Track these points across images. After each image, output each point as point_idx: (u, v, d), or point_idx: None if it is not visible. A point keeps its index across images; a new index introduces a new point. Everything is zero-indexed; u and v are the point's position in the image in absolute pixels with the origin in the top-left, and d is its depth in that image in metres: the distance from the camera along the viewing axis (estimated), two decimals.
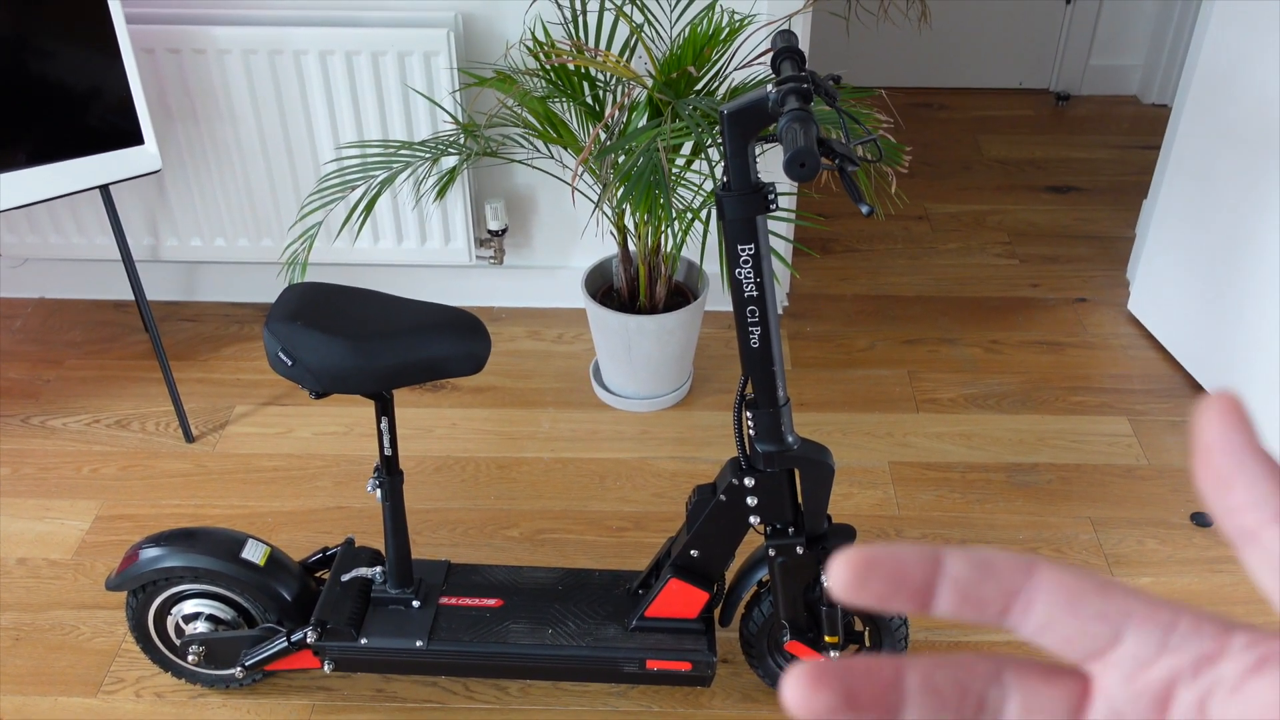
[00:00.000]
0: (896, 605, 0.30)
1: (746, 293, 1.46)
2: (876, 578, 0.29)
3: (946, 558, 0.29)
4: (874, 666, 0.29)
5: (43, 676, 1.91)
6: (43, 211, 2.62)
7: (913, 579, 0.29)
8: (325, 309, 1.56)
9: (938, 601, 0.29)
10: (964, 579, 0.29)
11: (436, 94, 2.40)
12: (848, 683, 0.29)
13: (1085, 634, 0.29)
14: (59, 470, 2.34)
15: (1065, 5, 3.85)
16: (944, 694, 0.30)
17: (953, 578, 0.29)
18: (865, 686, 0.29)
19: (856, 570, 0.29)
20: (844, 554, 0.29)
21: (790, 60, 1.45)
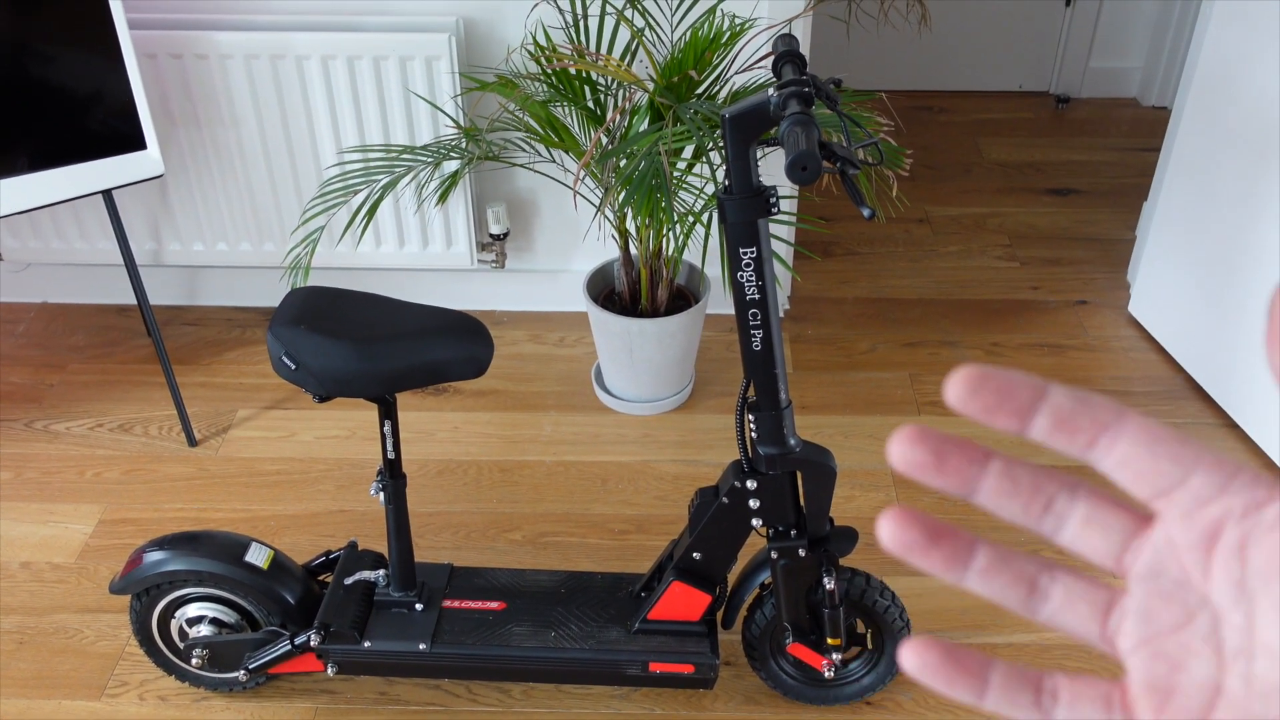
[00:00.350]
0: (999, 420, 0.32)
1: (748, 296, 1.46)
2: (988, 390, 0.32)
3: (1051, 386, 0.32)
4: (967, 443, 0.33)
5: (46, 680, 1.91)
6: (45, 216, 2.62)
7: (1019, 397, 0.32)
8: (329, 313, 1.56)
9: (1035, 422, 0.32)
10: (1064, 407, 0.32)
11: (438, 98, 2.40)
12: (941, 447, 0.32)
13: (1158, 472, 0.31)
14: (62, 474, 2.35)
15: (1065, 8, 3.86)
16: (1019, 485, 0.33)
17: (1054, 404, 0.32)
18: (955, 454, 0.32)
19: (969, 383, 0.32)
20: (959, 369, 0.32)
21: (791, 64, 1.46)
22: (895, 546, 0.33)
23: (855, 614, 1.77)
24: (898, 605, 1.74)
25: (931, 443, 0.32)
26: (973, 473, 0.33)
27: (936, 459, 0.32)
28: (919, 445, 0.32)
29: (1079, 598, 0.34)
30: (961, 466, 0.33)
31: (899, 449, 0.32)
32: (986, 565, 0.34)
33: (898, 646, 1.75)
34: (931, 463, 0.32)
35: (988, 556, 0.34)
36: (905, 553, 0.34)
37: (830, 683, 1.83)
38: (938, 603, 2.04)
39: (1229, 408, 2.44)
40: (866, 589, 1.72)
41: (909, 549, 0.33)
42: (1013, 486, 0.33)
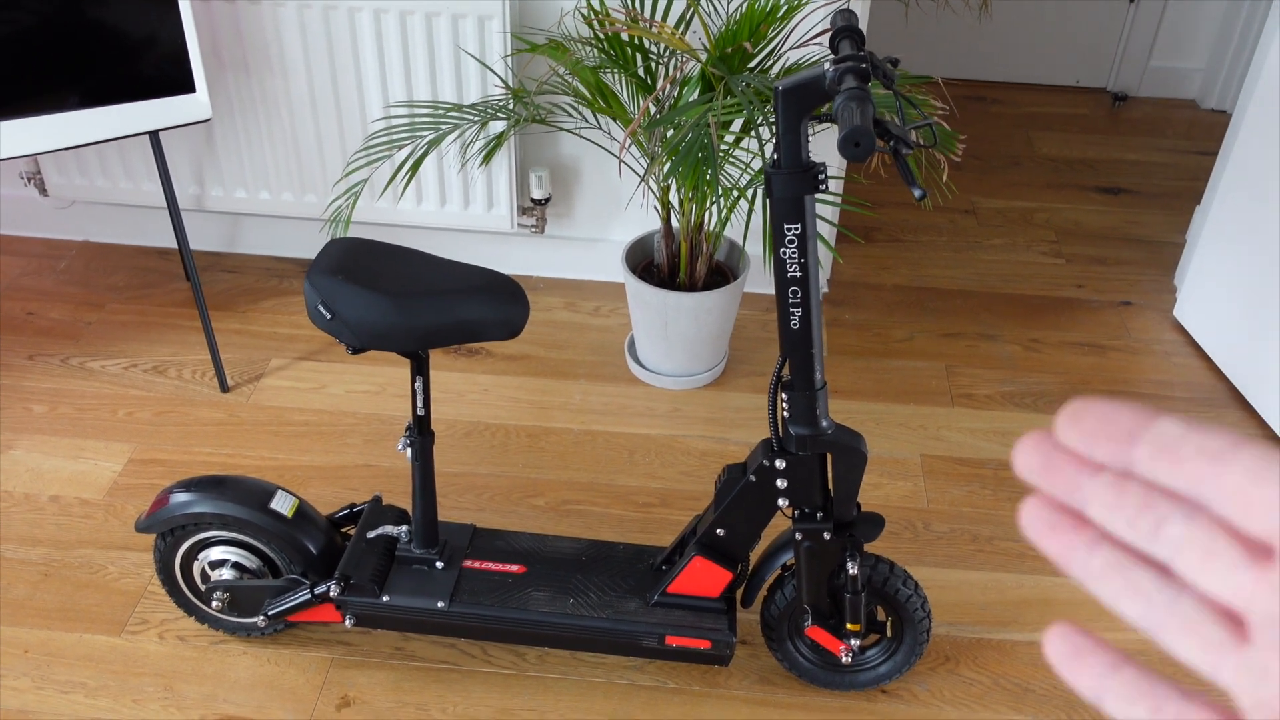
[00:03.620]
0: (1100, 448, 0.32)
1: (790, 273, 1.44)
2: (1090, 418, 0.32)
3: (1159, 416, 0.32)
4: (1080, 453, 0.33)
5: (69, 613, 1.93)
6: (91, 155, 2.63)
7: (1121, 424, 0.32)
8: (367, 265, 1.56)
9: (1137, 451, 0.31)
10: (1169, 434, 0.31)
11: (488, 58, 2.39)
12: (1053, 452, 0.33)
13: (1272, 505, 0.29)
14: (95, 412, 2.36)
15: (1128, 4, 3.78)
16: (1128, 498, 0.32)
17: (1159, 431, 0.31)
18: (1065, 461, 0.33)
19: (1073, 412, 0.32)
20: (1070, 403, 0.33)
21: (849, 40, 1.43)
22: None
23: (876, 601, 1.76)
24: (920, 595, 1.72)
25: (1045, 447, 0.33)
26: (1081, 480, 0.32)
27: (1046, 464, 0.33)
28: (1032, 450, 0.33)
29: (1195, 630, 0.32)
30: (1070, 473, 0.32)
31: (1020, 457, 0.33)
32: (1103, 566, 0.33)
33: (916, 636, 1.73)
34: (1040, 466, 0.33)
35: (1106, 557, 0.33)
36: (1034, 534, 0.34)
37: (847, 668, 1.82)
38: (961, 595, 2.02)
39: (1270, 418, 2.39)
40: (890, 577, 1.70)
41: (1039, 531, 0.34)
42: (1120, 499, 0.32)
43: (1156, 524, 0.31)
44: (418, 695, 1.82)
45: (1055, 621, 0.34)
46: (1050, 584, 2.05)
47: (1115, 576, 0.33)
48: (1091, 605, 2.01)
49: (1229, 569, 0.30)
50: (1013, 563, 2.09)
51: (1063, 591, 2.03)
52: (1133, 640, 1.90)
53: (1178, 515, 0.31)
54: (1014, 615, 1.99)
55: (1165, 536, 0.31)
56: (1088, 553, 0.33)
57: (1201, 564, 0.31)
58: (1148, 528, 0.31)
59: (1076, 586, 2.05)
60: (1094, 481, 0.32)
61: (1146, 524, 0.31)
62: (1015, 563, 2.09)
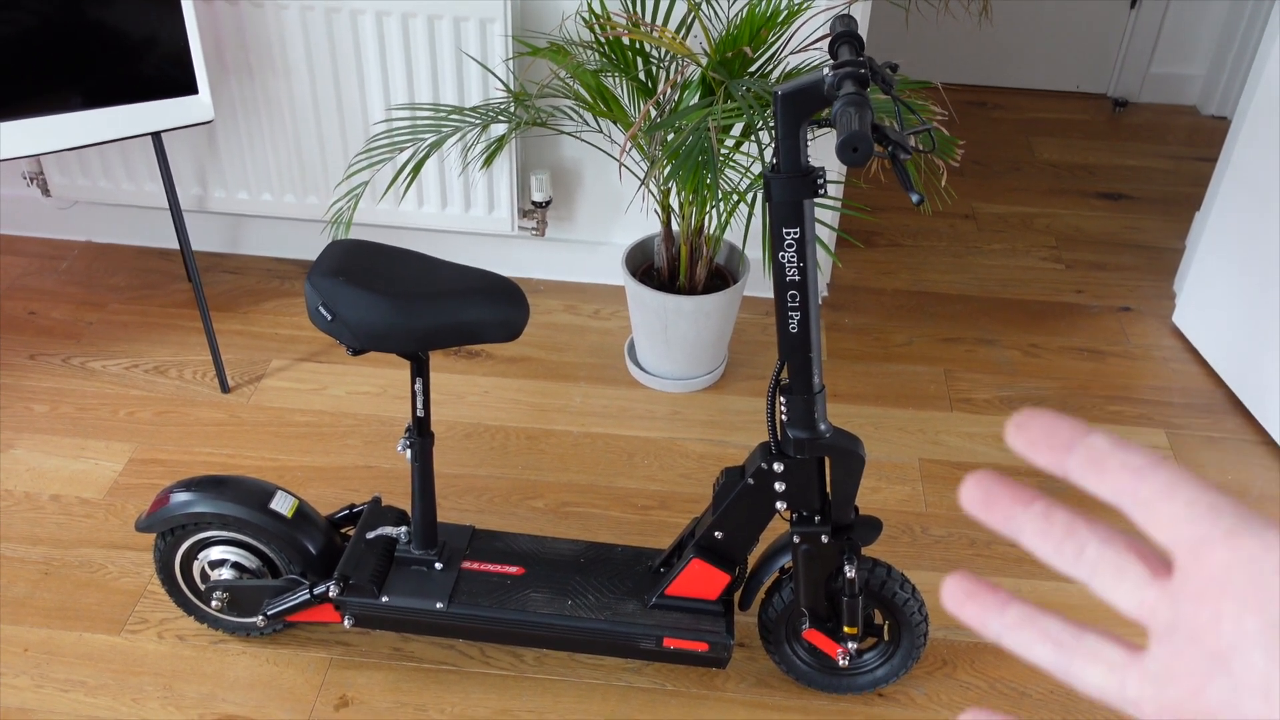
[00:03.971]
0: (1040, 455, 0.36)
1: (788, 277, 1.45)
2: (1034, 427, 0.36)
3: (1093, 431, 0.35)
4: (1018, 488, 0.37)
5: (69, 612, 1.94)
6: (94, 155, 2.64)
7: (1060, 436, 0.35)
8: (368, 266, 1.56)
9: (1071, 460, 0.35)
10: (1098, 448, 0.35)
11: (490, 61, 2.40)
12: (992, 489, 0.37)
13: (1173, 517, 0.33)
14: (96, 411, 2.37)
15: (1129, 10, 3.79)
16: (1054, 527, 0.36)
17: (1090, 444, 0.35)
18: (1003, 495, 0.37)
19: (1020, 419, 0.36)
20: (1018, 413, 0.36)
21: (848, 45, 1.43)
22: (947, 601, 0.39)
23: (874, 604, 1.76)
24: (917, 599, 1.73)
25: (986, 485, 0.37)
26: (1015, 512, 0.37)
27: (986, 498, 0.37)
28: (975, 487, 0.37)
29: (1098, 658, 0.36)
30: (1006, 506, 0.37)
31: (965, 493, 0.37)
32: (1015, 620, 0.38)
33: (914, 639, 1.74)
34: (982, 501, 0.37)
35: (1018, 613, 0.38)
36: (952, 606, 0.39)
37: (844, 671, 1.83)
38: None
39: (1269, 425, 2.40)
40: (887, 580, 1.70)
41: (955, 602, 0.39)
42: (1048, 528, 0.36)
43: (1078, 548, 0.36)
44: (416, 696, 1.82)
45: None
46: (1048, 588, 2.05)
47: (1027, 626, 0.37)
48: (1086, 610, 2.01)
49: (1136, 585, 0.34)
50: (1010, 567, 2.10)
51: (1059, 596, 2.04)
52: None
53: (1095, 540, 0.35)
54: None
55: (1084, 559, 0.35)
56: (1000, 611, 0.38)
57: (1114, 582, 0.35)
58: (1071, 551, 0.36)
59: (1073, 591, 2.05)
60: (1026, 512, 0.36)
61: (1070, 548, 0.36)
62: (1013, 567, 2.10)
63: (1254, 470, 2.35)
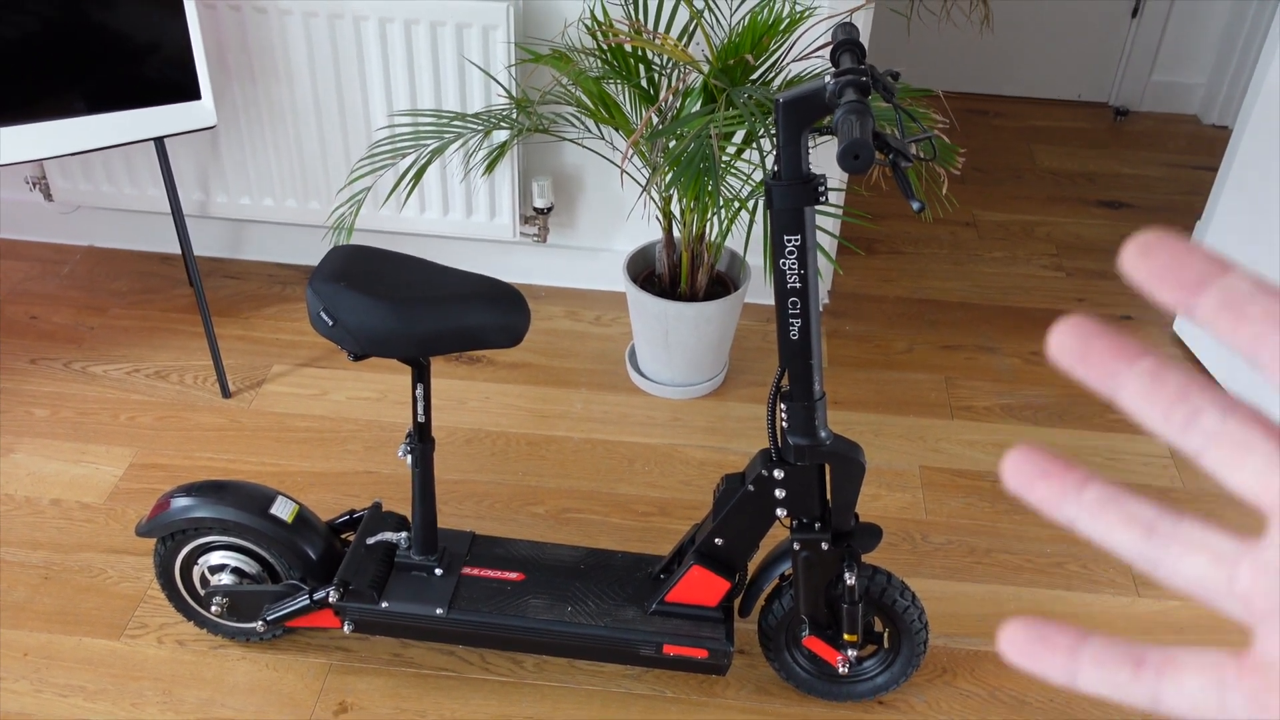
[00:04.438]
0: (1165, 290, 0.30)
1: (789, 284, 1.45)
2: (1161, 253, 0.30)
3: (1234, 267, 0.29)
4: (1119, 340, 0.31)
5: (68, 616, 1.94)
6: (97, 160, 2.65)
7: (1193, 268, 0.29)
8: (369, 272, 1.56)
9: (1202, 301, 0.29)
10: (1238, 289, 0.29)
11: (492, 67, 2.40)
12: (1090, 338, 0.31)
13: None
14: (97, 416, 2.37)
15: (1131, 19, 3.80)
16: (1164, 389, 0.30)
17: (1229, 284, 0.29)
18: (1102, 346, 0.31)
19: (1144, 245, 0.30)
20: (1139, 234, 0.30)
21: (850, 53, 1.44)
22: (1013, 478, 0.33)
23: (874, 611, 1.76)
24: (918, 606, 1.72)
25: (1083, 332, 0.31)
26: (1117, 367, 0.31)
27: (1083, 349, 0.31)
28: (1070, 334, 0.31)
29: (1201, 545, 0.30)
30: (1107, 360, 0.31)
31: (1057, 339, 0.31)
32: (1096, 502, 0.32)
33: (914, 647, 1.73)
34: (1078, 350, 0.31)
35: (1099, 493, 0.32)
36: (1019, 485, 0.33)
37: (844, 679, 1.82)
38: (958, 607, 2.02)
39: None
40: (887, 587, 1.70)
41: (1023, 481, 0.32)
42: (1156, 389, 0.30)
43: (1190, 415, 0.30)
44: (416, 702, 1.82)
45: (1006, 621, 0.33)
46: (1048, 597, 2.05)
47: (1110, 509, 0.32)
48: (1087, 618, 2.01)
49: (1262, 465, 0.29)
50: (1010, 575, 2.09)
51: (1060, 604, 2.04)
52: None
53: (1213, 409, 0.30)
54: None
55: (1199, 428, 0.30)
56: (1078, 491, 0.32)
57: (1234, 458, 0.29)
58: (1181, 419, 0.30)
59: (1073, 599, 2.05)
60: (1130, 370, 0.31)
61: (1180, 415, 0.30)
62: (1013, 575, 2.09)
63: None
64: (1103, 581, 2.09)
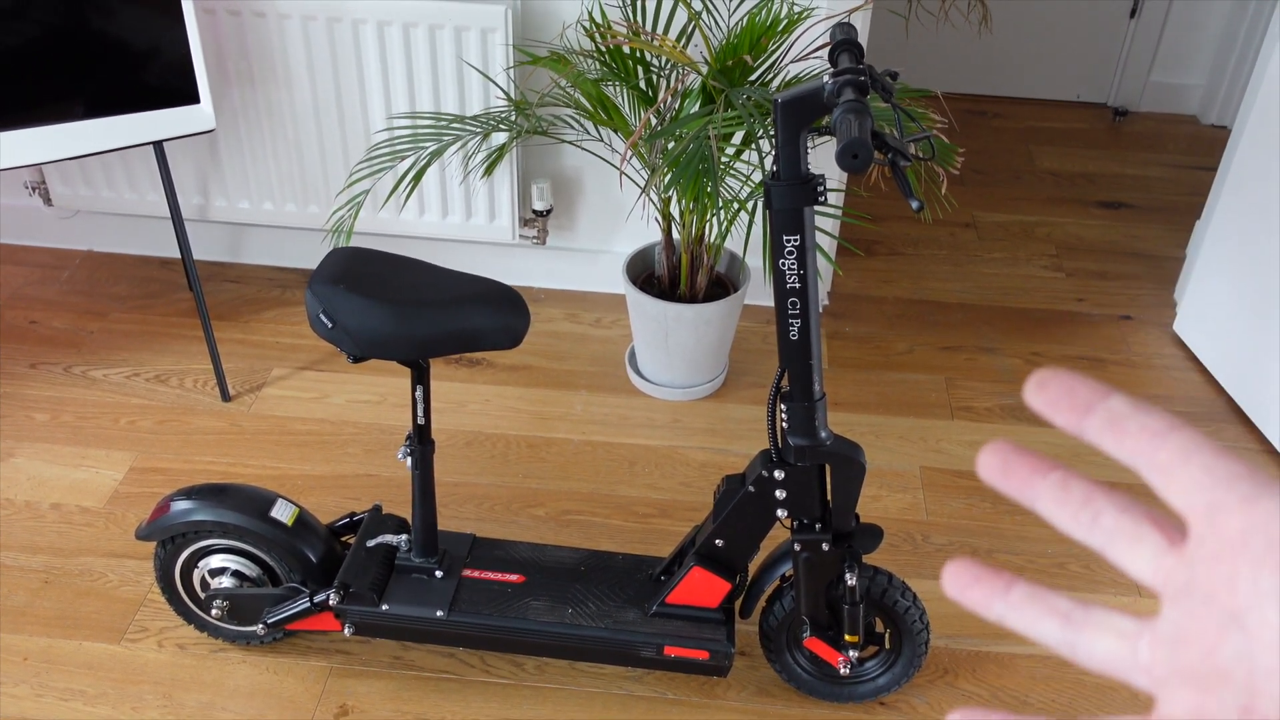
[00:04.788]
0: (1060, 415, 0.35)
1: (789, 284, 1.45)
2: (1055, 387, 0.35)
3: (1113, 393, 0.35)
4: (1035, 457, 0.37)
5: (69, 620, 1.94)
6: (96, 165, 2.65)
7: (1081, 397, 0.35)
8: (368, 274, 1.56)
9: (1090, 421, 0.35)
10: (1118, 410, 0.35)
11: (491, 70, 2.40)
12: (1009, 458, 0.37)
13: (1191, 482, 0.33)
14: (97, 420, 2.37)
15: (1129, 20, 3.80)
16: (1071, 496, 0.36)
17: (1111, 406, 0.35)
18: (1020, 464, 0.37)
19: (1041, 378, 0.36)
20: (1039, 370, 0.36)
21: (848, 52, 1.44)
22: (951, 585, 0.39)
23: (875, 612, 1.76)
24: (919, 607, 1.72)
25: (1003, 454, 0.37)
26: (1033, 480, 0.36)
27: (1004, 467, 0.37)
28: (993, 455, 0.37)
29: (1108, 627, 0.36)
30: (1024, 475, 0.37)
31: (982, 461, 0.37)
32: (1020, 599, 0.38)
33: (915, 648, 1.73)
34: (1000, 469, 0.37)
35: (1022, 592, 0.38)
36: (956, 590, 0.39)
37: (845, 680, 1.82)
38: (959, 608, 2.02)
39: (1270, 433, 2.39)
40: (888, 588, 1.70)
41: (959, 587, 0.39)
42: (1065, 496, 0.36)
43: (1094, 516, 0.35)
44: (416, 705, 1.82)
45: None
46: None
47: (1032, 604, 0.37)
48: None
49: (1152, 552, 0.34)
50: None
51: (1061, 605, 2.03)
52: None
53: (1111, 509, 0.35)
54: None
55: (1100, 527, 0.35)
56: (1005, 592, 0.38)
57: (1130, 549, 0.35)
58: (1087, 520, 0.36)
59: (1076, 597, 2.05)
60: (1044, 481, 0.36)
61: (1086, 516, 0.36)
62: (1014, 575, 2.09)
63: None
64: (1104, 582, 2.09)
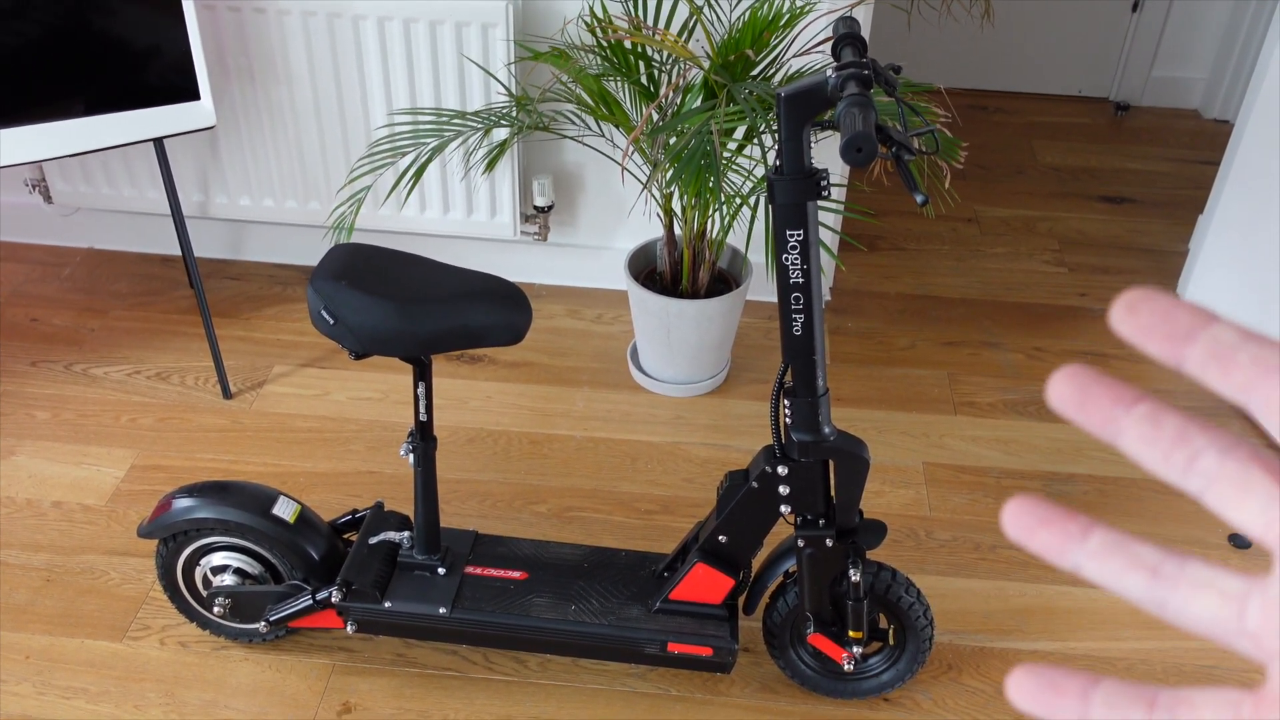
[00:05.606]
0: (1154, 344, 0.31)
1: (792, 279, 1.45)
2: (1148, 311, 0.30)
3: (1218, 319, 0.30)
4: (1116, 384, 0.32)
5: (71, 618, 1.93)
6: (96, 162, 2.64)
7: (1179, 322, 0.30)
8: (370, 271, 1.56)
9: (1191, 352, 0.30)
10: (1225, 340, 0.30)
11: (492, 65, 2.39)
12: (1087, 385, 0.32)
13: None
14: (98, 418, 2.37)
15: (1131, 14, 3.79)
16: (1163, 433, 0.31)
17: (1215, 335, 0.30)
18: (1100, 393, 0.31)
19: (1130, 301, 0.31)
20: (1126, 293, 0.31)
21: (851, 46, 1.43)
22: (1013, 527, 0.33)
23: (879, 608, 1.75)
24: (922, 603, 1.72)
25: (1079, 381, 0.32)
26: (1116, 413, 0.31)
27: (1081, 396, 0.32)
28: (1068, 383, 0.32)
29: (1208, 585, 0.31)
30: (1104, 405, 0.31)
31: (1055, 389, 0.32)
32: (1100, 547, 0.32)
33: (919, 644, 1.73)
34: (1076, 398, 0.32)
35: (1103, 539, 0.32)
36: (1020, 533, 0.33)
37: (849, 676, 1.82)
38: (963, 604, 2.02)
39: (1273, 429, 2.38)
40: (892, 584, 1.70)
41: (1024, 530, 0.33)
42: (1155, 433, 0.31)
43: (1190, 457, 0.30)
44: (419, 702, 1.81)
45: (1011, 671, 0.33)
46: (1054, 592, 2.04)
47: (1115, 554, 0.32)
48: (1094, 614, 2.00)
49: (1262, 503, 0.30)
50: (1015, 571, 2.09)
51: (1065, 600, 2.03)
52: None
53: (1212, 450, 0.30)
54: (1017, 624, 1.99)
55: (1198, 470, 0.30)
56: (1082, 538, 0.32)
57: (1235, 497, 0.30)
58: (1181, 461, 0.31)
59: (1079, 595, 2.04)
60: (1129, 414, 0.31)
61: (1180, 457, 0.31)
62: (1018, 571, 2.09)
63: None
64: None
